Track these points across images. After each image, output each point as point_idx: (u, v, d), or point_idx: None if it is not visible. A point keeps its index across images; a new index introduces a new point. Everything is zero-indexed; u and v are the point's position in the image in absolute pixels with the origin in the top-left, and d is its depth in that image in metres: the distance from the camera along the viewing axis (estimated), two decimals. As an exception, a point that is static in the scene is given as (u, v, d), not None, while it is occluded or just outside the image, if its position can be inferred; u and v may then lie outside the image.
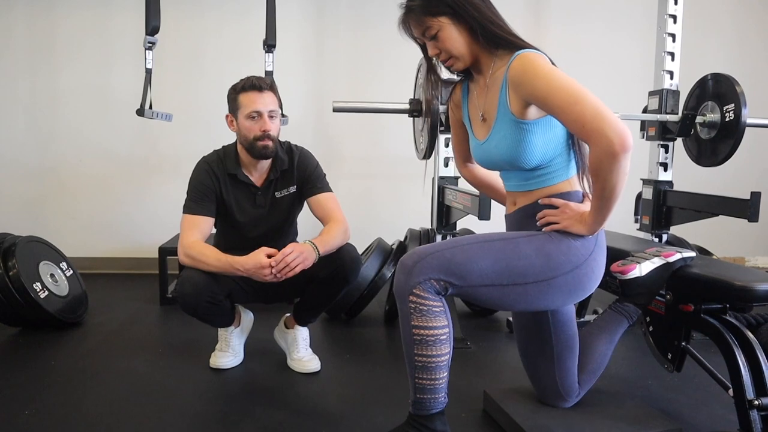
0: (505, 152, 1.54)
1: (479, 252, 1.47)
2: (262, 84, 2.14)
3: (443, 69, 1.70)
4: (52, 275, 2.79)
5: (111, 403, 1.96)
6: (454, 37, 1.55)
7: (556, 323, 1.71)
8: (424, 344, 1.45)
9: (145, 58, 2.98)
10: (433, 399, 1.50)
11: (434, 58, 1.64)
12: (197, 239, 2.09)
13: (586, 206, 1.57)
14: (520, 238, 1.53)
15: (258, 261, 1.95)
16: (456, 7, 1.52)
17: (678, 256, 1.75)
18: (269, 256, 1.97)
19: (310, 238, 2.07)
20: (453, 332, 1.50)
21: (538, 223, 1.58)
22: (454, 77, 1.77)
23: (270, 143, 2.12)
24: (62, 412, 1.89)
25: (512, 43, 1.54)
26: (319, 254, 2.04)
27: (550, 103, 1.40)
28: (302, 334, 2.31)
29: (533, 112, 1.49)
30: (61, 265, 2.90)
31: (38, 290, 2.62)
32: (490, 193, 1.96)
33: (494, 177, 1.91)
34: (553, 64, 1.50)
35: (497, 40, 1.55)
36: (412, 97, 2.97)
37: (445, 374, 1.50)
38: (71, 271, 2.95)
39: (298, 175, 2.25)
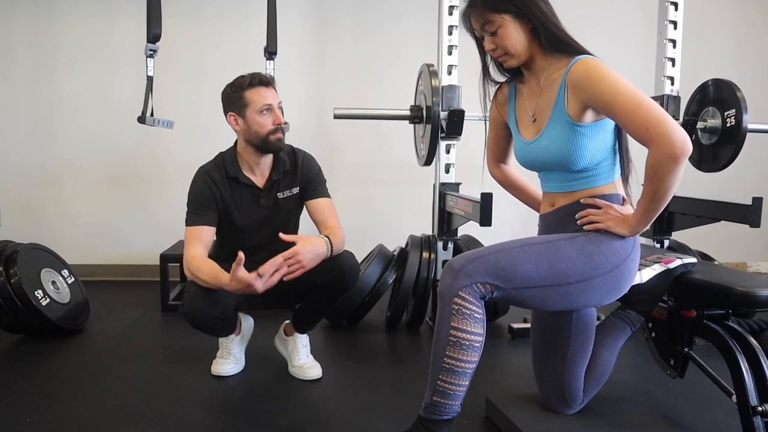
0: (556, 152, 1.57)
1: (523, 255, 1.50)
2: (269, 79, 2.15)
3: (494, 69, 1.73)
4: (53, 282, 2.79)
5: (113, 411, 1.95)
6: (513, 35, 1.57)
7: (578, 323, 1.73)
8: (458, 347, 1.46)
9: (147, 66, 2.98)
10: (449, 405, 1.50)
11: (488, 55, 1.67)
12: (198, 253, 2.06)
13: (627, 209, 1.61)
14: (561, 240, 1.55)
15: (239, 279, 1.83)
16: (522, 6, 1.55)
17: (679, 262, 1.75)
18: (253, 266, 1.88)
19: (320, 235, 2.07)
20: (484, 342, 1.51)
21: (579, 221, 1.60)
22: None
23: (282, 136, 2.13)
24: (65, 420, 1.88)
25: (572, 47, 1.57)
26: (331, 252, 2.03)
27: (615, 106, 1.44)
28: (302, 341, 2.30)
29: (590, 115, 1.53)
30: (62, 272, 2.91)
31: (40, 297, 2.62)
32: (519, 194, 1.97)
33: (526, 179, 1.94)
34: None
35: (558, 43, 1.58)
36: (413, 104, 2.98)
37: (467, 383, 1.50)
38: (73, 279, 2.95)
39: (302, 177, 2.25)
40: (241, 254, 1.84)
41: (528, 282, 1.49)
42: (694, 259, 1.79)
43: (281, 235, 1.96)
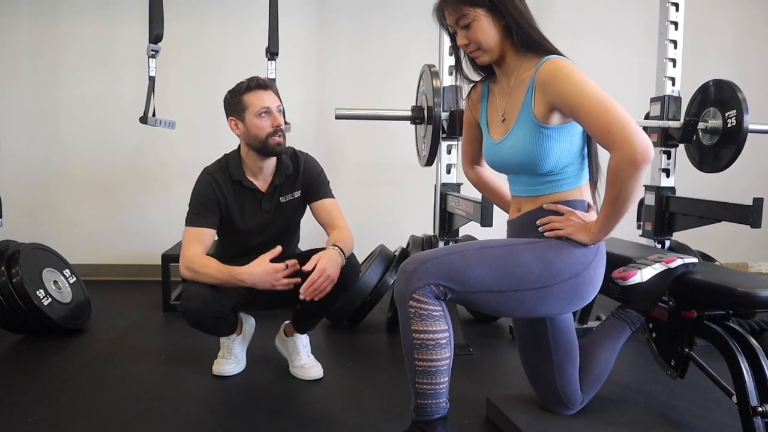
0: (519, 153, 1.55)
1: (478, 258, 1.48)
2: (266, 82, 2.15)
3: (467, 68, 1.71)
4: (55, 282, 2.79)
5: (114, 411, 1.96)
6: (487, 29, 1.55)
7: (554, 330, 1.71)
8: (424, 348, 1.45)
9: (149, 66, 2.99)
10: (434, 404, 1.49)
11: (461, 51, 1.65)
12: (199, 252, 2.08)
13: (591, 216, 1.57)
14: (519, 245, 1.53)
15: (267, 267, 1.96)
16: (496, 1, 1.53)
17: (680, 261, 1.75)
18: (276, 259, 1.97)
19: (331, 242, 2.09)
20: (453, 337, 1.50)
21: (540, 228, 1.57)
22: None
23: (282, 139, 2.13)
24: (66, 419, 1.89)
25: (543, 48, 1.55)
26: (344, 259, 2.05)
27: (580, 108, 1.42)
28: (302, 341, 2.31)
29: (556, 117, 1.50)
30: (64, 272, 2.91)
31: (41, 297, 2.62)
32: (494, 198, 1.96)
33: (500, 182, 1.91)
34: None
35: (530, 42, 1.56)
36: (414, 104, 2.98)
37: (446, 379, 1.50)
38: (74, 278, 2.95)
39: (304, 180, 2.26)
40: (278, 248, 2.02)
41: (482, 286, 1.46)
42: (695, 260, 1.79)
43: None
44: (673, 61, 2.93)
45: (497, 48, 1.58)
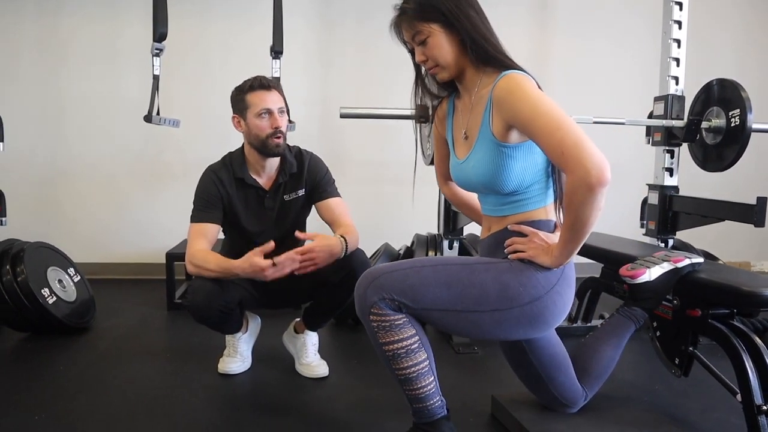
0: (482, 174, 1.50)
1: (433, 275, 1.44)
2: (270, 83, 2.16)
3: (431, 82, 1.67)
4: (60, 281, 2.80)
5: (120, 410, 1.97)
6: (443, 45, 1.51)
7: (532, 349, 1.67)
8: (398, 358, 1.45)
9: (153, 65, 3.00)
10: (428, 406, 1.49)
11: (422, 66, 1.61)
12: (202, 247, 2.09)
13: (556, 237, 1.51)
14: (478, 264, 1.49)
15: (252, 263, 1.92)
16: (450, 16, 1.48)
17: (687, 261, 1.76)
18: (269, 255, 1.94)
19: (338, 234, 2.09)
20: (425, 337, 1.48)
21: (505, 250, 1.53)
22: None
23: (282, 140, 2.14)
24: (72, 418, 1.90)
25: (500, 62, 1.49)
26: (346, 250, 2.05)
27: (533, 126, 1.35)
28: (312, 339, 2.32)
29: (515, 136, 1.44)
30: (68, 270, 2.92)
31: (46, 296, 2.63)
32: (470, 214, 1.90)
33: (475, 198, 1.84)
34: (539, 88, 1.45)
35: (486, 56, 1.50)
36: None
37: (431, 379, 1.49)
38: (79, 277, 2.96)
39: (308, 179, 2.26)
40: (272, 243, 1.94)
41: (435, 304, 1.43)
42: (701, 259, 1.80)
43: (297, 233, 2.01)
44: (677, 60, 2.93)
45: (455, 64, 1.54)
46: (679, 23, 2.92)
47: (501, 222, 1.58)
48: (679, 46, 2.93)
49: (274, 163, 2.22)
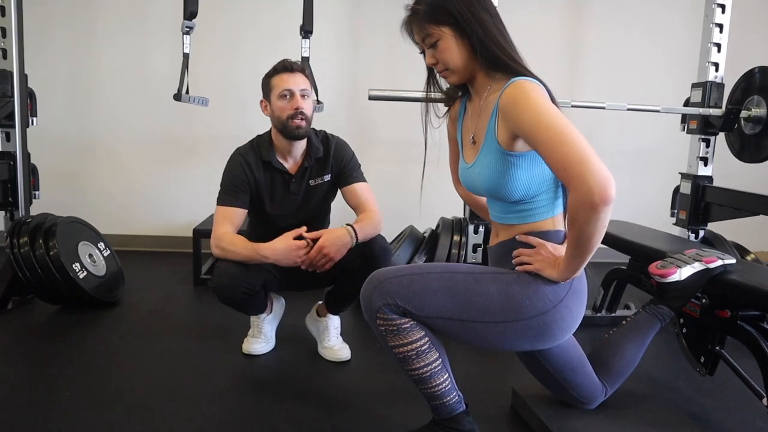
0: (487, 181, 1.47)
1: (439, 282, 1.42)
2: (293, 65, 2.15)
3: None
4: (90, 255, 2.86)
5: (147, 386, 2.02)
6: (453, 49, 1.47)
7: (545, 357, 1.64)
8: (409, 360, 1.44)
9: (183, 43, 3.00)
10: (446, 402, 1.50)
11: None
12: (228, 230, 2.12)
13: (564, 249, 1.46)
14: (486, 274, 1.46)
15: (290, 243, 2.00)
16: (461, 19, 1.44)
17: (719, 263, 1.73)
18: (298, 238, 2.01)
19: (351, 223, 2.10)
20: (435, 336, 1.47)
21: (513, 261, 1.50)
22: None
23: (303, 123, 2.13)
24: (103, 394, 1.95)
25: (511, 69, 1.44)
26: (357, 240, 2.06)
27: (536, 139, 1.30)
28: (333, 322, 2.34)
29: (521, 144, 1.40)
30: (99, 245, 2.98)
31: (77, 270, 2.69)
32: (485, 215, 1.83)
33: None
34: (552, 97, 1.41)
35: (496, 62, 1.46)
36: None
37: (446, 377, 1.49)
38: (108, 251, 3.02)
39: (334, 164, 2.26)
40: (303, 227, 2.05)
41: (441, 312, 1.41)
42: (733, 260, 1.77)
43: (305, 234, 2.04)
44: (718, 45, 2.83)
45: (465, 68, 1.50)
46: (723, 6, 2.81)
47: (508, 230, 1.54)
48: (721, 31, 2.83)
49: (300, 147, 2.21)
